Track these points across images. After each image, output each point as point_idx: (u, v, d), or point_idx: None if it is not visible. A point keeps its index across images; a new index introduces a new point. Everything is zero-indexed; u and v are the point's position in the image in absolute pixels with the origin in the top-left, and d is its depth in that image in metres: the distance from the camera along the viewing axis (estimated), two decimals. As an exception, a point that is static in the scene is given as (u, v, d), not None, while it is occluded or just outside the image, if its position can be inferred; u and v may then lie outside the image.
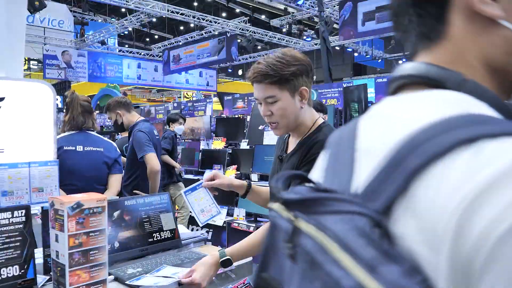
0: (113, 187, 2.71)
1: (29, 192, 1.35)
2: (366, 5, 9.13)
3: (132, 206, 1.58)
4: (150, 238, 1.59)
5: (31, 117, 1.64)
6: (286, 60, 1.33)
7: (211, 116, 6.02)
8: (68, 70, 14.19)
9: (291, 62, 1.33)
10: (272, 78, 1.32)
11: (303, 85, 1.36)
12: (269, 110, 1.37)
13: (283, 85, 1.33)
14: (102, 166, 2.67)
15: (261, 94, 1.36)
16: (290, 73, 1.32)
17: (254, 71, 1.35)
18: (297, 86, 1.35)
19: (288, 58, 1.33)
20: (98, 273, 1.16)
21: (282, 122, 1.38)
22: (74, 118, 2.60)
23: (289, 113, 1.37)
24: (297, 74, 1.34)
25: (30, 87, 1.70)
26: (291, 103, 1.36)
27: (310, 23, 16.72)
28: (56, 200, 1.12)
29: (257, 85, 1.36)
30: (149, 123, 3.46)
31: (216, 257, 1.36)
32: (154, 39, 19.64)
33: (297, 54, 1.37)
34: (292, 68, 1.33)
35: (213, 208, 1.54)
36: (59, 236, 1.12)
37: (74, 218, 1.11)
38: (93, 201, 1.14)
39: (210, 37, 13.51)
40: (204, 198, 1.53)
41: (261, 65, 1.34)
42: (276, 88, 1.33)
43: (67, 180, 2.47)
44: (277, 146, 1.61)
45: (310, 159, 1.32)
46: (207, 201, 1.53)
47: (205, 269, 1.34)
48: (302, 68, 1.35)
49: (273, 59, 1.34)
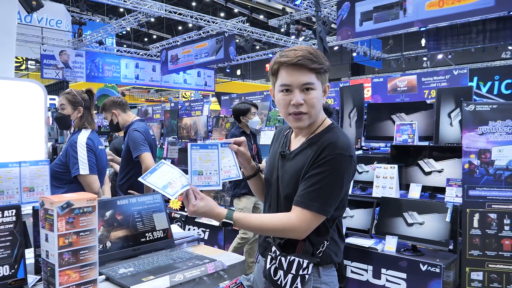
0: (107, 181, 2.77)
1: (19, 191, 1.34)
2: (364, 5, 9.14)
3: (124, 205, 1.58)
4: (143, 237, 1.58)
5: (22, 116, 1.63)
6: (320, 54, 1.34)
7: (208, 116, 6.01)
8: (65, 70, 14.17)
9: (324, 57, 1.34)
10: (319, 65, 1.31)
11: (327, 82, 1.39)
12: (303, 99, 1.33)
13: (321, 75, 1.34)
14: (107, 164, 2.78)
15: (299, 79, 1.31)
16: (327, 67, 1.34)
17: (298, 54, 1.30)
18: (326, 81, 1.37)
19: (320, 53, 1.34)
20: (89, 272, 1.16)
21: (311, 112, 1.35)
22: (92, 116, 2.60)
23: (318, 105, 1.37)
24: (328, 70, 1.36)
25: (21, 87, 1.70)
26: (321, 96, 1.37)
27: (308, 23, 16.73)
28: (46, 199, 1.12)
29: (295, 69, 1.31)
30: (145, 122, 3.46)
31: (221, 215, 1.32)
32: (152, 39, 19.62)
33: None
34: (327, 63, 1.34)
35: (232, 170, 1.43)
36: (49, 235, 1.11)
37: (64, 218, 1.10)
38: (83, 200, 1.14)
39: (208, 37, 13.50)
40: (227, 157, 1.43)
41: (302, 52, 1.31)
42: (315, 77, 1.33)
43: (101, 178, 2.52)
44: (276, 142, 1.59)
45: (324, 160, 1.31)
46: (229, 161, 1.43)
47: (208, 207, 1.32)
48: (329, 66, 1.36)
49: (312, 49, 1.34)
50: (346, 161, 1.31)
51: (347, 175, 1.33)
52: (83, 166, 2.32)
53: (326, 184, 1.30)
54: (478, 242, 2.84)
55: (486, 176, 2.87)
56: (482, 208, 2.85)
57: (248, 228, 1.36)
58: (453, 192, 3.06)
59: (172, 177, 1.33)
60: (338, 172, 1.31)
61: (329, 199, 1.31)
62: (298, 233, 1.32)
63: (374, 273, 2.99)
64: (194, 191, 1.33)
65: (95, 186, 2.36)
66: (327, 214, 1.32)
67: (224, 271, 1.42)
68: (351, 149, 1.34)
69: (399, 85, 6.40)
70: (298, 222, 1.30)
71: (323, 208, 1.30)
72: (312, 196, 1.30)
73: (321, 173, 1.30)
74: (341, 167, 1.31)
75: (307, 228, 1.31)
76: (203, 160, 1.39)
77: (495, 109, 2.92)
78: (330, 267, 1.41)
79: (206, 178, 1.39)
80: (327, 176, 1.30)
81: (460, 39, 11.63)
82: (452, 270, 2.89)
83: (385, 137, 3.90)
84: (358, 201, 3.29)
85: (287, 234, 1.34)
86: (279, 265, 1.36)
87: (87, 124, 2.53)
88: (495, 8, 7.31)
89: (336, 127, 1.43)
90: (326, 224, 1.38)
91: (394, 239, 2.98)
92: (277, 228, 1.33)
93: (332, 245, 1.40)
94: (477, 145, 2.92)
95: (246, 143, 1.52)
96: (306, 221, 1.30)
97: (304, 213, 1.30)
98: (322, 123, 1.42)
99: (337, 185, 1.31)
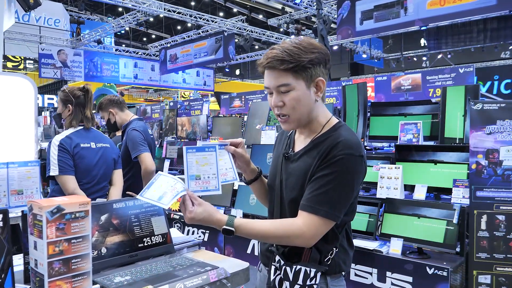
0: (118, 183, 2.69)
1: (7, 195, 1.25)
2: (364, 4, 9.07)
3: (121, 209, 1.49)
4: (140, 243, 1.49)
5: (11, 114, 1.54)
6: (304, 46, 1.22)
7: (207, 116, 5.93)
8: (64, 70, 14.08)
9: (309, 49, 1.22)
10: (288, 64, 1.20)
11: (320, 75, 1.25)
12: (281, 101, 1.25)
13: (299, 73, 1.22)
14: (111, 163, 2.64)
15: (273, 82, 1.24)
16: (308, 61, 1.21)
17: (268, 56, 1.23)
18: (314, 76, 1.24)
19: (305, 45, 1.22)
20: (81, 283, 1.07)
21: (294, 115, 1.26)
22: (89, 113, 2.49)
23: (303, 106, 1.25)
24: (315, 63, 1.22)
25: (9, 82, 1.59)
26: (306, 94, 1.24)
27: (307, 22, 16.66)
28: (35, 204, 1.03)
29: (269, 71, 1.24)
30: (143, 121, 3.38)
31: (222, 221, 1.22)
32: (151, 38, 19.53)
33: (315, 42, 1.26)
34: (311, 56, 1.21)
35: (229, 173, 1.35)
36: (38, 243, 1.02)
37: (54, 224, 1.02)
38: (75, 205, 1.05)
39: (208, 36, 13.42)
40: (223, 159, 1.34)
41: (276, 50, 1.22)
42: (291, 76, 1.22)
43: (84, 178, 2.40)
44: (279, 143, 1.50)
45: (333, 160, 1.21)
46: (225, 163, 1.35)
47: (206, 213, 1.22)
48: (321, 56, 1.24)
49: (290, 45, 1.22)
50: (356, 162, 1.22)
51: (357, 177, 1.23)
52: (53, 167, 2.23)
53: (335, 187, 1.20)
54: (486, 244, 2.76)
55: (494, 176, 2.79)
56: (490, 210, 2.77)
57: (251, 235, 1.25)
58: (460, 193, 2.99)
59: (168, 186, 1.23)
60: (348, 174, 1.21)
61: (339, 203, 1.21)
62: (305, 240, 1.22)
63: (379, 277, 2.92)
64: (191, 196, 1.23)
65: (69, 186, 2.26)
66: (336, 220, 1.22)
67: (227, 279, 1.34)
68: (361, 148, 1.24)
69: (403, 83, 6.32)
70: (304, 228, 1.20)
71: (332, 213, 1.20)
72: (320, 200, 1.20)
73: (330, 174, 1.20)
74: (352, 168, 1.21)
75: (314, 234, 1.21)
76: (200, 164, 1.31)
77: (503, 107, 2.84)
78: (338, 276, 1.32)
79: (204, 183, 1.31)
80: (336, 178, 1.20)
81: (460, 38, 11.58)
82: (459, 273, 2.81)
83: (389, 137, 3.83)
84: (361, 202, 3.21)
85: (293, 241, 1.23)
86: (284, 276, 1.26)
87: (74, 123, 2.43)
88: (496, 7, 7.26)
89: (343, 125, 1.32)
90: (335, 230, 1.28)
91: (400, 242, 2.90)
92: (282, 234, 1.22)
93: (341, 252, 1.31)
94: (484, 145, 2.85)
95: (244, 144, 1.43)
96: (314, 227, 1.20)
97: (311, 218, 1.20)
98: (328, 121, 1.32)
99: (347, 188, 1.22)
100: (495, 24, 10.87)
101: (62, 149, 2.30)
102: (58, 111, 2.46)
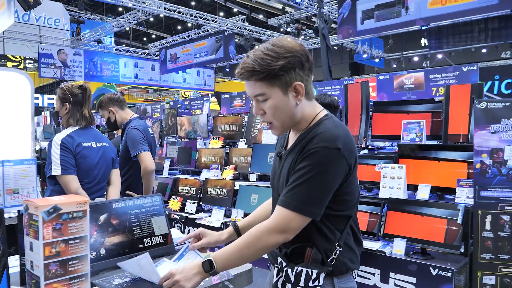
0: (116, 182, 2.65)
1: (2, 194, 1.21)
2: (365, 3, 9.04)
3: (120, 209, 1.45)
4: (140, 243, 1.46)
5: (6, 111, 1.50)
6: (276, 52, 1.18)
7: (208, 115, 5.89)
8: (64, 69, 14.05)
9: (281, 55, 1.17)
10: (259, 74, 1.18)
11: (297, 79, 1.21)
12: (261, 109, 1.24)
13: (272, 81, 1.18)
14: (110, 162, 2.61)
15: (250, 91, 1.24)
16: (280, 68, 1.17)
17: (241, 67, 1.22)
18: (290, 81, 1.20)
19: (278, 50, 1.18)
20: (79, 285, 1.03)
21: (276, 121, 1.25)
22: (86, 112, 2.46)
23: (282, 112, 1.23)
24: (288, 68, 1.18)
25: (4, 78, 1.55)
26: (284, 101, 1.21)
27: (308, 22, 16.63)
28: (31, 203, 0.99)
29: (246, 81, 1.23)
30: (144, 120, 3.34)
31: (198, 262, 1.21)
32: (151, 38, 19.50)
33: (289, 43, 1.21)
34: (282, 62, 1.17)
35: None
36: (34, 244, 0.99)
37: (51, 224, 0.98)
38: (72, 204, 1.01)
39: (208, 36, 13.38)
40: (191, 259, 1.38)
41: (248, 60, 1.20)
42: (265, 85, 1.19)
43: (85, 178, 2.37)
44: (278, 142, 1.48)
45: (307, 154, 1.18)
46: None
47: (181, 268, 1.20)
48: (295, 60, 1.19)
49: (261, 52, 1.19)
50: (331, 154, 1.17)
51: (334, 170, 1.18)
52: (55, 167, 2.17)
53: (307, 180, 1.17)
54: (490, 245, 2.72)
55: (498, 176, 2.76)
56: (495, 210, 2.74)
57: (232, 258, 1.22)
58: (464, 193, 2.95)
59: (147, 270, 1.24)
60: (322, 167, 1.16)
61: (312, 197, 1.17)
62: (276, 235, 1.18)
63: (382, 277, 2.89)
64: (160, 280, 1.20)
65: (71, 187, 2.21)
66: (309, 215, 1.18)
67: (230, 281, 1.30)
68: (338, 141, 1.18)
69: (405, 82, 6.27)
70: (273, 221, 1.19)
71: (303, 207, 1.17)
72: (292, 194, 1.18)
73: (303, 168, 1.18)
74: (326, 162, 1.17)
75: (285, 228, 1.18)
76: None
77: (508, 106, 2.80)
78: (346, 276, 1.28)
79: None
80: (308, 172, 1.17)
81: (462, 38, 11.54)
82: (463, 274, 2.78)
83: (392, 136, 3.79)
84: (364, 202, 3.17)
85: (267, 241, 1.19)
86: (286, 278, 1.22)
87: (72, 121, 2.39)
88: (498, 6, 7.23)
89: (329, 119, 1.28)
90: (332, 228, 1.24)
91: (403, 242, 2.87)
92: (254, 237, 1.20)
93: (347, 251, 1.27)
94: (489, 144, 2.81)
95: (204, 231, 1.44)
96: (283, 221, 1.18)
97: (281, 211, 1.19)
98: (315, 117, 1.29)
99: (322, 182, 1.17)
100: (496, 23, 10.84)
101: (64, 148, 2.25)
102: (56, 109, 2.41)
